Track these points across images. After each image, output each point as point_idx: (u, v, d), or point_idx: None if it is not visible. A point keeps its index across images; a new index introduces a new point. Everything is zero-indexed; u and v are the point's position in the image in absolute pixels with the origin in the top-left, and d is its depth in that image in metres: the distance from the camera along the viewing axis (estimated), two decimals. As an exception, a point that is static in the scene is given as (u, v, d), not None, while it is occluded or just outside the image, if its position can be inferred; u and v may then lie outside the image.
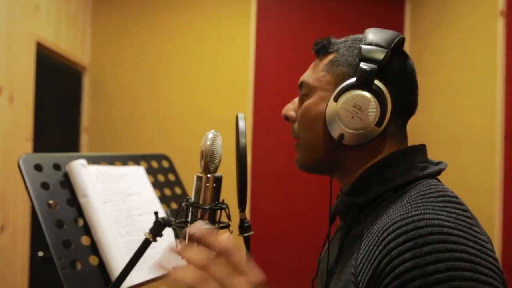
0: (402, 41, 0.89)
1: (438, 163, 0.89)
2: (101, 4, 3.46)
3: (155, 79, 3.45)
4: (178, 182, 1.60)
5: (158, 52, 3.46)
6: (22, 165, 1.14)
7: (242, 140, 0.82)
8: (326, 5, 3.58)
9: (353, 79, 0.85)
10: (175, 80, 3.45)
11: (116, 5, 3.46)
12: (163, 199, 1.48)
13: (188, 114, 3.43)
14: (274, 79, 3.50)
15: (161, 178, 1.54)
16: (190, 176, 1.72)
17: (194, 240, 0.65)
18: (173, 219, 0.90)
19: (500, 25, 2.56)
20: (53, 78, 2.82)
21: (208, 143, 0.83)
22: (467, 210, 0.76)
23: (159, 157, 1.60)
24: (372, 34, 0.88)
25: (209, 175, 0.83)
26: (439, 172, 0.87)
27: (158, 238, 0.91)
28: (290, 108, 0.99)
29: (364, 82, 0.84)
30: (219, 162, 0.85)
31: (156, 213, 0.90)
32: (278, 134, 3.31)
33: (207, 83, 3.45)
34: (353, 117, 0.84)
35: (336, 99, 0.85)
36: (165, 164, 1.60)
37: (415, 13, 3.57)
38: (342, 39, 0.95)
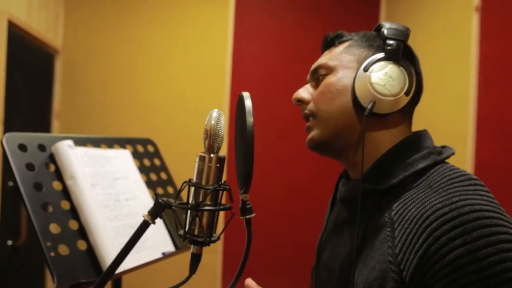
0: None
1: (444, 147, 0.91)
2: (74, -14, 3.34)
3: (131, 64, 3.36)
4: (164, 167, 1.56)
5: (135, 37, 3.36)
6: (5, 144, 1.07)
7: (249, 119, 0.79)
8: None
9: (380, 54, 0.88)
10: (152, 66, 3.37)
11: (89, -12, 3.35)
12: (149, 184, 1.44)
13: (165, 101, 3.36)
14: (251, 67, 3.47)
15: (146, 162, 1.50)
16: (167, 163, 1.69)
17: None
18: (173, 201, 0.87)
19: (474, 20, 2.60)
20: (24, 60, 2.70)
21: (213, 122, 0.80)
22: (488, 191, 0.78)
23: (145, 141, 1.55)
24: (389, 24, 0.91)
25: (212, 155, 0.80)
26: (451, 155, 0.89)
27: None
28: (303, 92, 0.99)
29: (393, 55, 0.87)
30: (222, 142, 0.82)
31: (156, 194, 0.86)
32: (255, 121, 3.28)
33: (185, 69, 3.38)
34: (384, 85, 0.86)
35: (366, 70, 0.87)
36: (150, 148, 1.56)
37: (390, 8, 3.59)
38: (353, 33, 0.99)
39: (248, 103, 0.81)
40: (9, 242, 2.35)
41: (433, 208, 0.74)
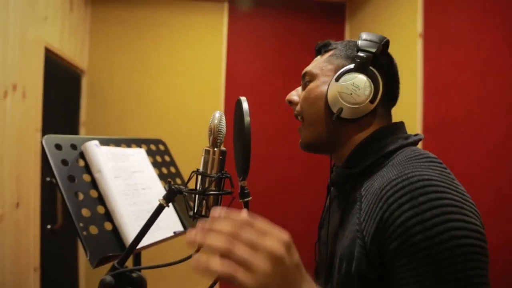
0: (388, 42, 0.88)
1: (416, 135, 0.87)
2: (97, 19, 3.31)
3: (143, 81, 3.35)
4: (173, 163, 1.54)
5: (146, 59, 3.35)
6: (45, 144, 1.05)
7: (246, 119, 0.78)
8: (286, 22, 3.57)
9: (351, 65, 0.84)
10: (159, 82, 3.36)
11: (110, 19, 3.32)
12: (161, 176, 1.41)
13: (170, 110, 3.35)
14: (242, 81, 3.47)
15: (158, 159, 1.48)
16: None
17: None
18: (183, 187, 0.85)
19: (419, 44, 2.62)
20: (57, 79, 2.67)
21: (216, 121, 0.79)
22: (446, 168, 0.74)
23: (156, 142, 1.53)
24: (366, 35, 0.87)
25: (215, 149, 0.79)
26: (419, 141, 0.85)
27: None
28: (293, 94, 0.95)
29: (361, 67, 0.82)
30: (223, 138, 0.81)
31: (169, 182, 0.84)
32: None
33: (186, 85, 3.38)
34: (351, 94, 0.81)
35: (337, 80, 0.83)
36: (161, 147, 1.54)
37: (352, 34, 3.61)
38: (339, 41, 0.95)
39: (245, 105, 0.80)
40: (49, 226, 2.32)
41: (388, 180, 0.71)
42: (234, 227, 0.52)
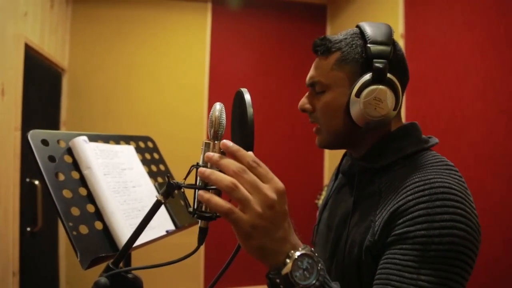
0: (393, 32, 0.85)
1: (430, 137, 0.88)
2: (78, 17, 3.21)
3: (125, 81, 3.27)
4: (162, 160, 1.48)
5: (128, 58, 3.27)
6: (30, 139, 0.97)
7: (250, 110, 0.73)
8: (268, 23, 3.56)
9: (368, 76, 0.80)
10: (142, 82, 3.29)
11: (91, 18, 3.23)
12: (151, 174, 1.35)
13: (154, 110, 3.28)
14: (225, 80, 3.44)
15: (147, 156, 1.41)
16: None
17: (227, 153, 0.62)
18: (182, 182, 0.80)
19: (400, 44, 2.63)
20: (37, 77, 2.56)
21: (217, 113, 0.74)
22: (461, 176, 0.77)
23: (145, 139, 1.47)
24: (371, 31, 0.82)
25: (216, 142, 0.74)
26: (435, 144, 0.87)
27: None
28: (305, 102, 0.91)
29: (380, 77, 0.79)
30: (224, 130, 0.76)
31: (168, 177, 0.79)
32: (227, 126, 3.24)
33: (171, 85, 3.33)
34: (375, 108, 0.79)
35: (358, 95, 0.80)
36: (150, 144, 1.47)
37: (333, 33, 3.61)
38: (339, 37, 0.87)
39: (247, 97, 0.76)
40: (28, 229, 2.20)
41: (412, 181, 0.74)
42: (239, 167, 0.57)
